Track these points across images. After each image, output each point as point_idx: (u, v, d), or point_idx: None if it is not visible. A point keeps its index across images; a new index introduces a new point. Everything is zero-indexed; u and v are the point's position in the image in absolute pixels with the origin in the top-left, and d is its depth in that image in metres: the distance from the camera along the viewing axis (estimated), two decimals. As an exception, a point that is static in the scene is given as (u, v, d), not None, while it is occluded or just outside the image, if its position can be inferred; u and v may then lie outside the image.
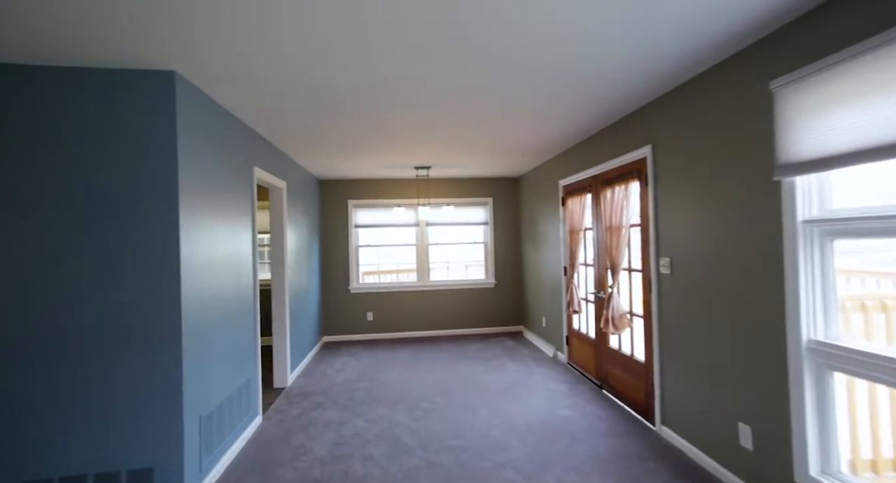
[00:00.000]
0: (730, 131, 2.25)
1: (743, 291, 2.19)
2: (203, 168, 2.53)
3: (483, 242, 6.39)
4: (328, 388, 4.05)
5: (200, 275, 2.46)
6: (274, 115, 3.08)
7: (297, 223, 4.68)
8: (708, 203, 2.43)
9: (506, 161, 5.06)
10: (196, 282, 2.40)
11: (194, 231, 2.40)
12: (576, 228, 4.21)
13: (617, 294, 3.38)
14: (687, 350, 2.65)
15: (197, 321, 2.40)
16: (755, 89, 2.06)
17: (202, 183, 2.51)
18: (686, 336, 2.66)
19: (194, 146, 2.42)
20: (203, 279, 2.50)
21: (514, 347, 5.38)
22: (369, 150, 4.27)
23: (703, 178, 2.47)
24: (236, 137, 3.04)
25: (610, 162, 3.53)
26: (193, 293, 2.37)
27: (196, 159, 2.44)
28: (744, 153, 2.15)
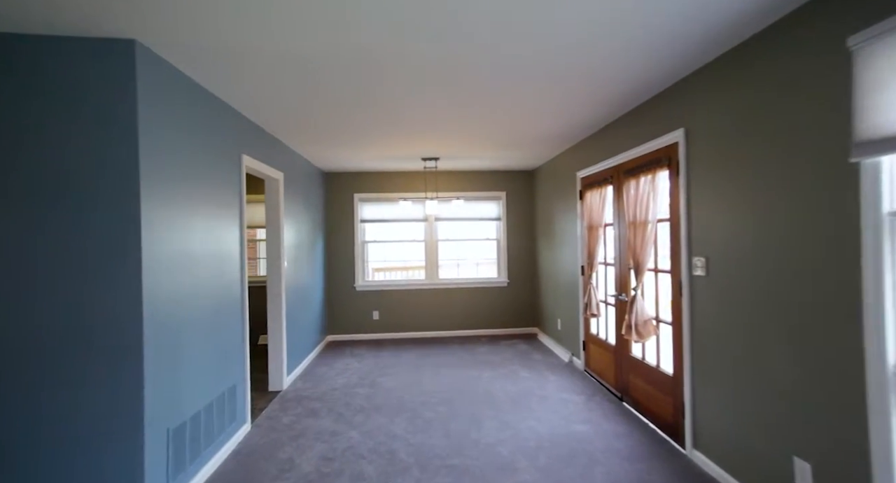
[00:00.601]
0: (786, 106, 1.85)
1: (802, 298, 1.80)
2: (175, 153, 2.25)
3: (495, 239, 6.04)
4: (325, 393, 3.77)
5: (170, 271, 2.19)
6: (262, 98, 2.80)
7: (296, 217, 4.41)
8: (755, 193, 2.04)
9: (519, 152, 4.70)
10: (164, 279, 2.13)
11: (162, 223, 2.13)
12: (595, 224, 3.83)
13: (641, 297, 3.00)
14: (726, 364, 2.27)
15: (165, 322, 2.14)
16: (824, 50, 1.67)
17: (174, 169, 2.24)
18: (724, 347, 2.28)
19: (163, 128, 2.14)
20: (174, 276, 2.23)
21: (527, 351, 5.02)
22: (372, 139, 3.96)
23: (748, 164, 2.08)
24: (220, 121, 2.76)
25: (634, 150, 3.14)
26: (160, 291, 2.10)
27: (165, 143, 2.16)
28: (806, 131, 1.76)
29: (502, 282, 5.93)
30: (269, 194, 3.88)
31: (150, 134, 2.04)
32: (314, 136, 3.84)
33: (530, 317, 5.97)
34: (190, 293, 2.38)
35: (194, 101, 2.45)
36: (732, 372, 2.22)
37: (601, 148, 3.76)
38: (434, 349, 5.19)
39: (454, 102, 2.95)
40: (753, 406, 2.08)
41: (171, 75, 2.21)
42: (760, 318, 2.03)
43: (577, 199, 4.30)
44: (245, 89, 2.64)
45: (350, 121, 3.36)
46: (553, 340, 5.15)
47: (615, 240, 3.55)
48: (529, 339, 5.63)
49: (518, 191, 5.98)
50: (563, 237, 4.76)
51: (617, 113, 3.28)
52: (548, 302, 5.37)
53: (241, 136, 3.08)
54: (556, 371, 4.26)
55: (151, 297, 2.02)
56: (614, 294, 3.53)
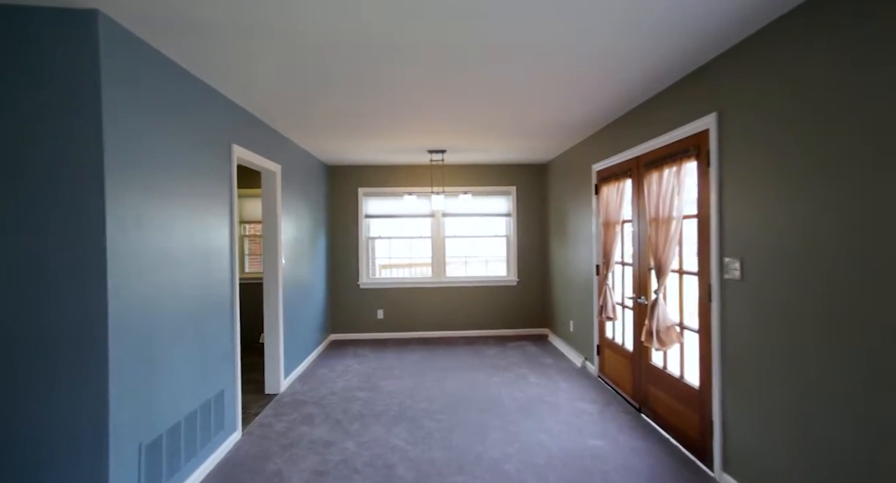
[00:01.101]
0: (862, 77, 1.56)
1: (873, 308, 1.52)
2: (149, 141, 2.04)
3: (505, 235, 5.77)
4: (323, 397, 3.57)
5: (145, 271, 1.99)
6: (254, 83, 2.58)
7: (296, 212, 4.21)
8: (807, 185, 1.76)
9: (530, 144, 4.42)
10: (136, 279, 1.93)
11: (134, 219, 1.93)
12: (611, 221, 3.55)
13: (663, 301, 2.73)
14: (764, 379, 2.00)
15: (138, 327, 1.94)
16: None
17: (149, 160, 2.03)
18: (762, 360, 2.00)
19: (134, 113, 1.93)
20: (150, 276, 2.03)
21: (537, 354, 4.76)
22: (375, 130, 3.72)
23: (801, 150, 1.79)
24: (205, 108, 2.55)
25: (656, 140, 2.85)
26: (132, 293, 1.90)
27: (137, 130, 1.95)
28: (890, 110, 1.47)
29: (512, 281, 5.67)
30: (266, 188, 3.67)
31: (118, 120, 1.83)
32: (314, 127, 3.62)
33: (541, 317, 5.70)
34: (170, 294, 2.18)
35: (174, 85, 2.23)
36: (771, 389, 1.94)
37: (619, 138, 3.47)
38: (439, 350, 4.96)
39: (462, 86, 2.70)
40: (795, 430, 1.81)
41: (143, 53, 2.00)
42: (807, 328, 1.75)
43: (592, 193, 4.01)
44: (235, 73, 2.42)
45: (351, 109, 3.12)
46: (564, 343, 4.88)
47: (634, 238, 3.26)
48: (539, 340, 5.37)
49: (529, 185, 5.70)
50: (577, 234, 4.48)
51: (638, 98, 2.99)
52: (559, 302, 5.10)
53: (231, 125, 2.87)
54: (568, 376, 4.00)
55: (120, 300, 1.82)
56: (632, 296, 3.25)
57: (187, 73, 2.35)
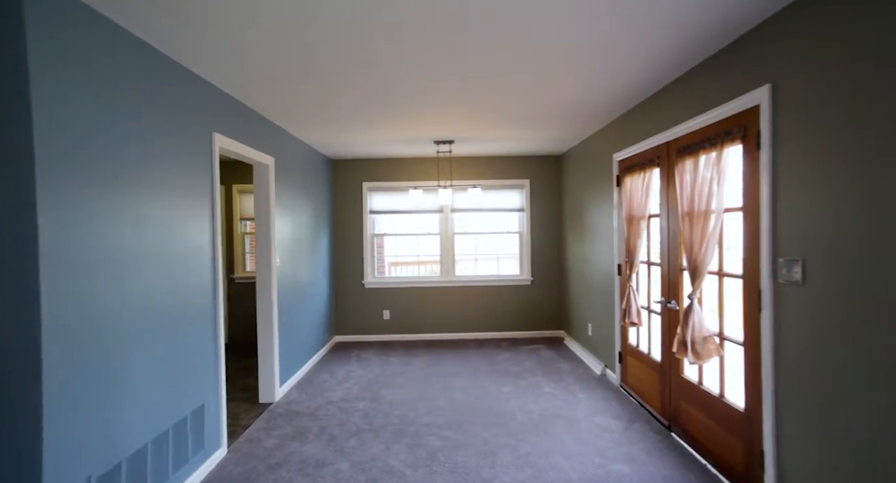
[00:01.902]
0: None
1: None
2: (101, 127, 1.76)
3: (518, 232, 5.42)
4: (320, 408, 3.29)
5: (99, 274, 1.72)
6: (238, 66, 2.29)
7: (293, 207, 3.93)
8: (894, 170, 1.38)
9: (546, 132, 4.05)
10: (86, 285, 1.66)
11: (83, 214, 1.65)
12: (635, 215, 3.17)
13: (699, 308, 2.36)
14: (830, 405, 1.62)
15: (87, 339, 1.66)
16: None
17: (102, 147, 1.75)
18: (828, 382, 1.63)
19: (77, 92, 1.65)
20: (106, 280, 1.75)
21: (552, 359, 4.41)
22: (374, 117, 3.41)
23: (882, 128, 1.41)
24: (177, 91, 2.26)
25: (691, 121, 2.47)
26: (79, 301, 1.63)
27: (82, 113, 1.67)
28: None
29: (525, 280, 5.32)
30: (258, 182, 3.39)
31: (56, 99, 1.55)
32: (309, 115, 3.32)
33: (556, 319, 5.34)
34: (136, 299, 1.90)
35: (135, 62, 1.95)
36: (841, 420, 1.57)
37: (645, 123, 3.08)
38: (447, 354, 4.65)
39: (471, 74, 2.36)
40: (870, 471, 1.43)
41: (89, 21, 1.71)
42: (892, 352, 1.38)
43: (614, 185, 3.63)
44: (213, 52, 2.13)
45: (348, 94, 2.81)
46: (582, 347, 4.52)
47: (662, 234, 2.88)
48: (555, 344, 5.01)
49: (543, 178, 5.33)
50: (596, 230, 4.10)
51: (669, 74, 2.60)
52: (577, 303, 4.73)
53: (212, 112, 2.58)
54: (587, 386, 3.64)
55: (60, 309, 1.54)
56: (661, 300, 2.88)
57: (152, 48, 2.06)
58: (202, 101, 2.48)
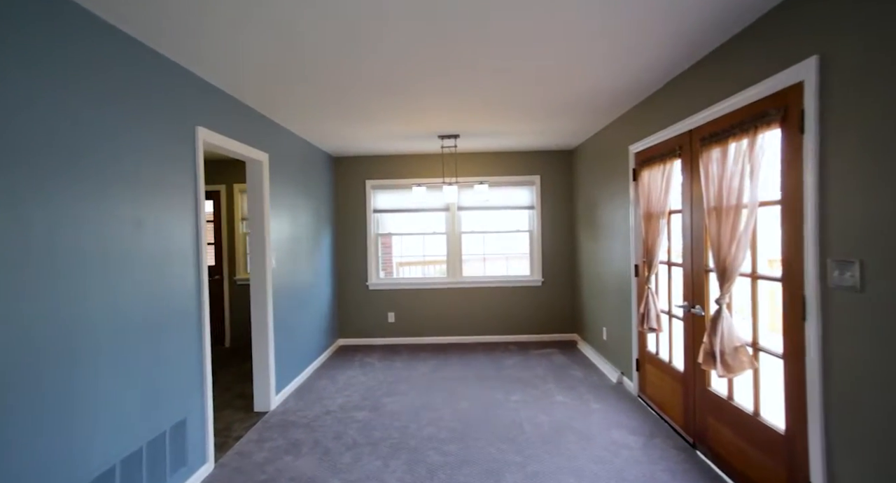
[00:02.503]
0: None
1: None
2: (59, 110, 1.58)
3: (528, 231, 5.16)
4: (317, 418, 3.10)
5: (52, 279, 1.53)
6: (220, 54, 2.10)
7: (291, 206, 3.75)
8: None
9: (557, 125, 3.79)
10: (37, 292, 1.47)
11: (40, 215, 1.47)
12: (654, 212, 2.90)
13: (728, 314, 2.09)
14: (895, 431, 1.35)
15: (34, 354, 1.48)
16: None
17: (61, 137, 1.57)
18: (893, 403, 1.36)
19: (20, 66, 1.47)
20: (61, 285, 1.57)
21: (565, 365, 4.15)
22: (373, 109, 3.19)
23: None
24: (149, 78, 2.08)
25: (719, 105, 2.19)
26: (29, 312, 1.44)
27: (31, 92, 1.48)
28: None
29: (536, 281, 5.06)
30: (252, 180, 3.21)
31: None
32: (307, 110, 3.13)
33: (569, 322, 5.07)
34: (100, 305, 1.72)
35: (92, 43, 1.76)
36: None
37: (664, 110, 2.81)
38: (454, 359, 4.42)
39: (473, 59, 2.13)
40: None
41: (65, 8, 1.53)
42: None
43: (630, 180, 3.36)
44: (195, 40, 1.94)
45: (346, 86, 2.60)
46: (597, 352, 4.24)
47: (685, 232, 2.61)
48: (567, 348, 4.74)
49: (554, 174, 5.06)
50: (611, 228, 3.83)
51: (697, 50, 2.32)
52: (591, 306, 4.46)
53: (194, 103, 2.40)
54: (602, 395, 3.38)
55: (10, 317, 1.36)
56: (683, 305, 2.61)
57: (117, 30, 1.88)
58: (180, 91, 2.30)
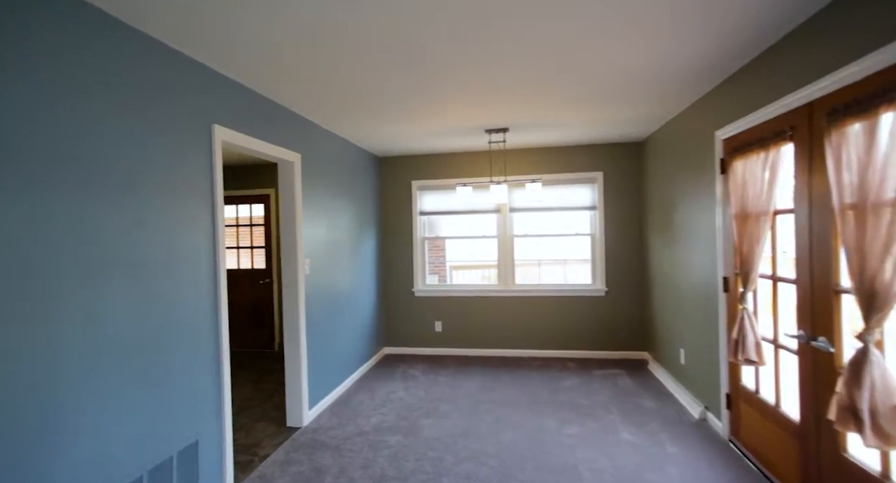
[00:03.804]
0: None
1: None
2: (44, 101, 1.39)
3: (589, 234, 4.55)
4: (348, 439, 2.81)
5: (35, 293, 1.34)
6: (237, 48, 1.86)
7: (328, 209, 3.52)
8: None
9: (623, 112, 3.20)
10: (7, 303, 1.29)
11: (15, 215, 1.28)
12: (752, 211, 2.25)
13: (880, 356, 1.45)
14: None
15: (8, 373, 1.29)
16: None
17: (42, 131, 1.38)
18: None
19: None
20: (33, 294, 1.38)
21: (632, 391, 3.52)
22: (415, 102, 2.85)
23: None
24: (161, 73, 1.88)
25: (862, 61, 1.55)
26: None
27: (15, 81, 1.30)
28: None
29: (598, 290, 4.44)
30: (283, 181, 3.01)
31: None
32: (343, 107, 2.88)
33: (637, 338, 4.38)
34: (79, 323, 1.53)
35: (108, 44, 1.58)
36: None
37: (765, 82, 2.16)
38: (504, 376, 3.96)
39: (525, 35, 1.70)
40: None
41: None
42: None
43: (716, 173, 2.70)
44: (212, 31, 1.72)
45: (384, 80, 2.29)
46: (672, 378, 3.56)
47: (799, 237, 1.96)
48: (636, 369, 4.07)
49: (620, 169, 4.41)
50: (690, 231, 3.16)
51: (808, 7, 1.70)
52: (664, 321, 3.77)
53: (210, 99, 2.20)
54: (681, 434, 2.75)
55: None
56: (798, 334, 1.95)
57: (133, 29, 1.69)
58: (193, 86, 2.10)
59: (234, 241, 5.13)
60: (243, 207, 5.12)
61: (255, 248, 5.09)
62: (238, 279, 5.05)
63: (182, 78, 2.02)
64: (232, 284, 5.04)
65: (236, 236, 5.13)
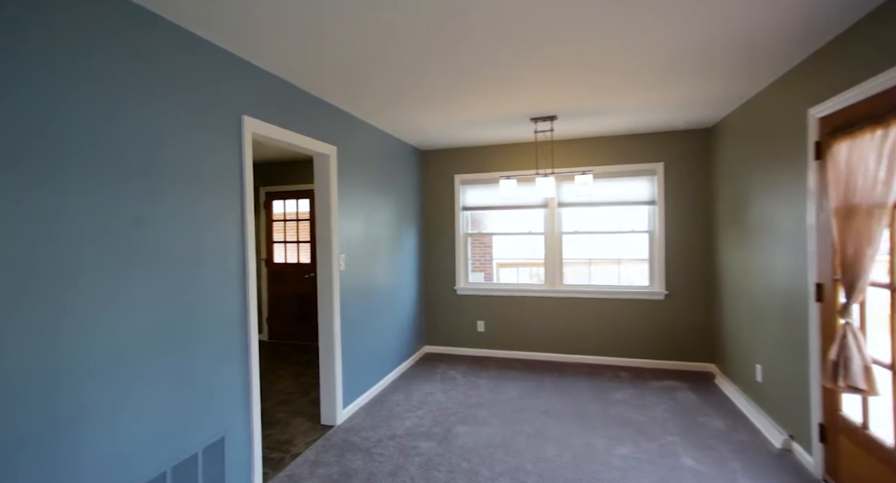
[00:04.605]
0: None
1: None
2: (60, 87, 1.33)
3: (647, 231, 4.10)
4: (379, 443, 2.67)
5: (6, 292, 1.30)
6: (276, 30, 1.76)
7: (365, 203, 3.40)
8: None
9: (689, 93, 2.77)
10: (19, 295, 1.24)
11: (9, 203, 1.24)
12: (860, 204, 1.80)
13: None
14: None
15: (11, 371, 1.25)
16: None
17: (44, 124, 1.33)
18: None
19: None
20: (22, 301, 1.33)
21: (696, 408, 3.08)
22: (455, 91, 2.64)
23: None
24: (189, 64, 1.81)
25: None
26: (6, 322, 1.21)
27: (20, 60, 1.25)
28: None
29: (657, 293, 3.98)
30: (318, 175, 2.92)
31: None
32: (380, 96, 2.73)
33: (702, 348, 3.88)
34: (92, 317, 1.48)
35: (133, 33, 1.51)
36: None
37: (880, 46, 1.70)
38: (548, 382, 3.65)
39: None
40: None
41: (28, -34, 1.29)
42: None
43: (809, 158, 2.23)
44: (240, 19, 1.62)
45: (429, 60, 2.11)
46: (745, 397, 3.08)
47: (934, 237, 1.51)
48: (699, 383, 3.60)
49: (684, 160, 3.91)
50: (772, 229, 2.68)
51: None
52: (736, 331, 3.28)
53: (241, 89, 2.12)
54: (757, 465, 2.32)
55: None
56: (928, 359, 1.51)
57: (155, 15, 1.63)
58: (222, 76, 2.02)
59: (283, 236, 5.20)
60: (291, 203, 5.18)
61: (301, 242, 5.14)
62: (287, 272, 5.12)
63: (209, 67, 1.94)
64: (282, 277, 5.13)
65: (284, 231, 5.20)
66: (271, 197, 5.19)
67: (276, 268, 5.17)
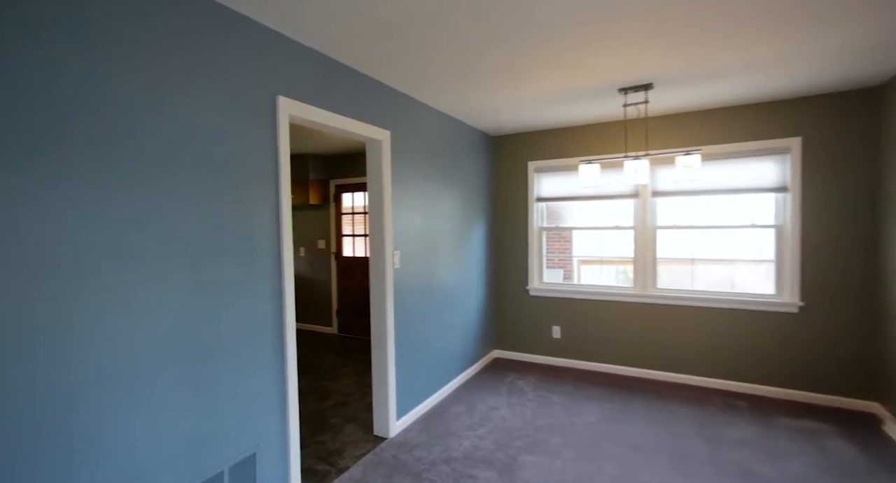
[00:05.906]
0: None
1: None
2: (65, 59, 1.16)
3: (774, 226, 3.21)
4: (431, 466, 2.32)
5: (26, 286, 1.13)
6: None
7: (424, 193, 3.05)
8: None
9: (850, 37, 1.95)
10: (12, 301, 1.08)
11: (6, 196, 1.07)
12: None
13: None
14: None
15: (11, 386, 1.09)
16: None
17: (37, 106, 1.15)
18: None
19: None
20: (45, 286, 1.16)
21: (855, 466, 2.25)
22: (538, 55, 2.17)
23: None
24: (213, 39, 1.59)
25: None
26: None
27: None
28: None
29: (788, 304, 3.09)
30: (370, 162, 2.63)
31: None
32: (438, 73, 2.37)
33: (857, 379, 2.92)
34: (99, 325, 1.30)
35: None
36: None
37: None
38: (637, 405, 3.00)
39: None
40: None
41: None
42: None
43: None
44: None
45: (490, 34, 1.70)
46: (935, 455, 2.17)
47: None
48: (858, 427, 2.69)
49: (835, 131, 2.95)
50: None
51: None
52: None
53: (274, 67, 1.87)
54: None
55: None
56: None
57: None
58: (254, 53, 1.78)
59: (352, 229, 5.11)
60: (360, 195, 5.05)
61: (366, 236, 4.99)
62: (353, 267, 5.02)
63: (240, 43, 1.71)
64: (348, 271, 5.05)
65: (352, 224, 5.10)
66: (341, 190, 5.12)
67: (345, 261, 5.09)
